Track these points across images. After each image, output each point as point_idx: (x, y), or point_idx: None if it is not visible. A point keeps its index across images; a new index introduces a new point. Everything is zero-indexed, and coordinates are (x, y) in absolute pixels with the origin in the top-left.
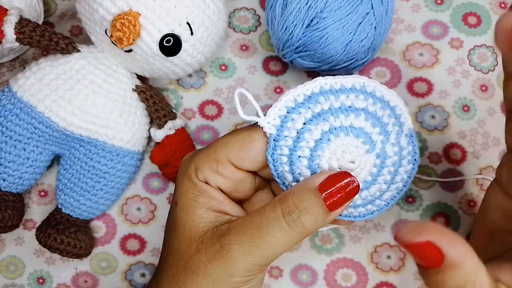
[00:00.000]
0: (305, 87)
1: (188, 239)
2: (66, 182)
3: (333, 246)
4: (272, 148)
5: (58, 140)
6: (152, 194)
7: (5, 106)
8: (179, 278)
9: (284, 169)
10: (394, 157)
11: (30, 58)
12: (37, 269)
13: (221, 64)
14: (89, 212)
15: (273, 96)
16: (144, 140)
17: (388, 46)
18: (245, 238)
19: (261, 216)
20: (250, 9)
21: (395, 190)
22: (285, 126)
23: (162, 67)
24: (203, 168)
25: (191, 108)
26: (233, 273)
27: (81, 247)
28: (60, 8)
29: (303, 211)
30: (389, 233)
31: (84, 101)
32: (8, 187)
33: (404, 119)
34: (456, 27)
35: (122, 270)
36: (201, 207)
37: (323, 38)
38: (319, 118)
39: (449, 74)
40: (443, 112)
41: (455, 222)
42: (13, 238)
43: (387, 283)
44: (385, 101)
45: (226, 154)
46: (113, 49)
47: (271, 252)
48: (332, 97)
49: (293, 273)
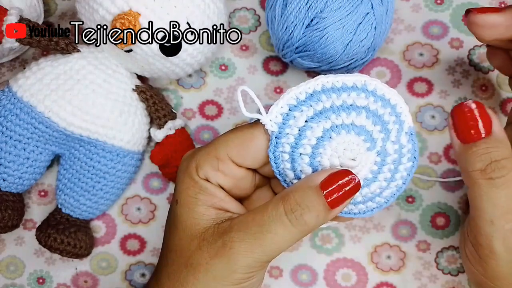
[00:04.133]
0: (307, 85)
1: (189, 236)
2: (66, 182)
3: (333, 246)
4: (274, 146)
5: (58, 140)
6: (152, 194)
7: (5, 106)
8: (180, 275)
9: (285, 166)
10: (394, 155)
11: (30, 58)
12: (37, 269)
13: (221, 64)
14: (89, 212)
15: (273, 96)
16: (144, 140)
17: (388, 46)
18: (247, 236)
19: (264, 213)
20: (250, 9)
21: (394, 187)
22: (287, 124)
23: (162, 67)
24: (203, 166)
25: (191, 108)
26: (235, 270)
27: (81, 247)
28: (60, 8)
29: (305, 209)
30: (389, 233)
31: (84, 101)
32: (8, 187)
33: (404, 117)
34: (456, 27)
35: (122, 270)
36: (202, 205)
37: (323, 38)
38: (320, 116)
39: (449, 74)
40: (443, 112)
41: (455, 222)
42: (13, 238)
43: (387, 283)
44: (386, 99)
45: (227, 151)
46: (113, 49)
47: (273, 249)
48: (334, 95)
49: (293, 273)
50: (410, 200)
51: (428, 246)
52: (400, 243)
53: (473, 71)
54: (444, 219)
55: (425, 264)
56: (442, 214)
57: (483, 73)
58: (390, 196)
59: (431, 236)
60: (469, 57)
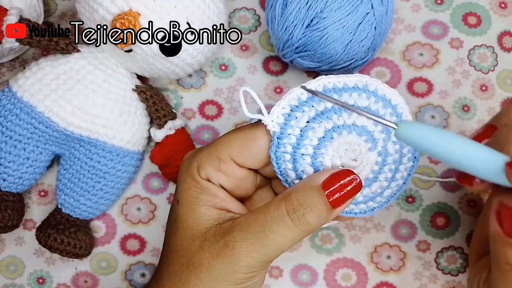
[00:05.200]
0: (308, 85)
1: (190, 236)
2: (66, 182)
3: (333, 246)
4: (276, 146)
5: (58, 140)
6: (152, 194)
7: (5, 106)
8: (181, 275)
9: (287, 166)
10: (395, 155)
11: (30, 58)
12: (37, 269)
13: (221, 64)
14: (89, 212)
15: (273, 96)
16: (144, 140)
17: (388, 46)
18: (249, 236)
19: (266, 213)
20: (250, 9)
21: (395, 187)
22: (289, 124)
23: (162, 67)
24: (205, 166)
25: (191, 108)
26: (237, 270)
27: (81, 247)
28: (60, 8)
29: (308, 208)
30: (389, 233)
31: (84, 101)
32: (8, 187)
33: (405, 118)
34: (456, 27)
35: (122, 270)
36: (203, 205)
37: (323, 38)
38: (322, 116)
39: (449, 74)
40: (443, 112)
41: (455, 222)
42: (13, 238)
43: (387, 283)
44: (387, 99)
45: (229, 151)
46: (113, 49)
47: (275, 249)
48: (335, 95)
49: (293, 273)
50: (410, 200)
51: (428, 246)
52: (400, 243)
53: (473, 71)
54: (444, 219)
55: (425, 264)
56: (442, 214)
57: (483, 73)
58: (390, 196)
59: (431, 236)
60: (469, 57)
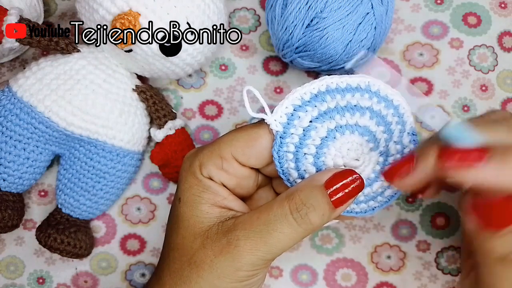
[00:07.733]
0: (312, 85)
1: (192, 234)
2: (66, 182)
3: (333, 246)
4: (278, 145)
5: (58, 140)
6: (152, 194)
7: (5, 106)
8: (183, 273)
9: (289, 166)
10: (396, 155)
11: (30, 58)
12: (37, 269)
13: (221, 64)
14: (89, 212)
15: (273, 96)
16: (144, 140)
17: (388, 46)
18: (253, 234)
19: (269, 212)
20: (250, 9)
21: None
22: (292, 124)
23: (162, 67)
24: (207, 165)
25: (191, 108)
26: (240, 267)
27: (81, 247)
28: (60, 8)
29: (311, 208)
30: (389, 233)
31: (84, 101)
32: (8, 187)
33: (406, 118)
34: (456, 27)
35: (122, 270)
36: (205, 203)
37: (323, 38)
38: (325, 116)
39: (449, 74)
40: (443, 112)
41: (455, 222)
42: (13, 238)
43: (387, 283)
44: (389, 100)
45: (231, 150)
46: (113, 49)
47: (278, 248)
48: (338, 95)
49: (293, 273)
50: (410, 200)
51: (428, 246)
52: (400, 243)
53: (473, 71)
54: (444, 219)
55: (425, 264)
56: (442, 214)
57: (483, 73)
58: (391, 195)
59: (431, 236)
60: (469, 57)
